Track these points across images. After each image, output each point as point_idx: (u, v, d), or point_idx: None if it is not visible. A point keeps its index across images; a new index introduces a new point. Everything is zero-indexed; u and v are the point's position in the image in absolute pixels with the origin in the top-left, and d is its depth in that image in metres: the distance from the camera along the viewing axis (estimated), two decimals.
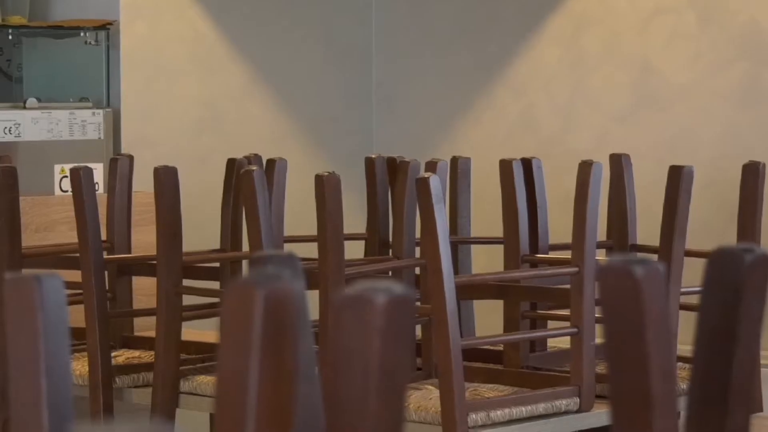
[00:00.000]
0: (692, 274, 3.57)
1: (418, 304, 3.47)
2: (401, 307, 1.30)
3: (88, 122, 4.68)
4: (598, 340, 3.47)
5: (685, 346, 2.25)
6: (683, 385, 2.45)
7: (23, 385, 1.49)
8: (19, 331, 1.49)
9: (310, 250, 3.63)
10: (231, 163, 4.10)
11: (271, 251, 3.13)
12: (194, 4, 4.99)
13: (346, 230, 3.57)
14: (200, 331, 4.06)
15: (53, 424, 1.46)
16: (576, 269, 3.46)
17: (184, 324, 3.88)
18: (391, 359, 1.32)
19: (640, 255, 2.87)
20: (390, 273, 3.76)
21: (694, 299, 3.60)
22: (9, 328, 1.53)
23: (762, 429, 1.70)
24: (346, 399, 1.33)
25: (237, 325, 1.32)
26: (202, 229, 4.14)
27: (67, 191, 3.78)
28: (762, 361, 1.96)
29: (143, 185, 3.94)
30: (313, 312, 2.57)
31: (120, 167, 4.14)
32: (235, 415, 1.31)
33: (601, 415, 3.62)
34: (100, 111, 4.71)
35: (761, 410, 3.31)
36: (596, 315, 3.51)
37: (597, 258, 3.53)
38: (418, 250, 3.80)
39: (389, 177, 3.96)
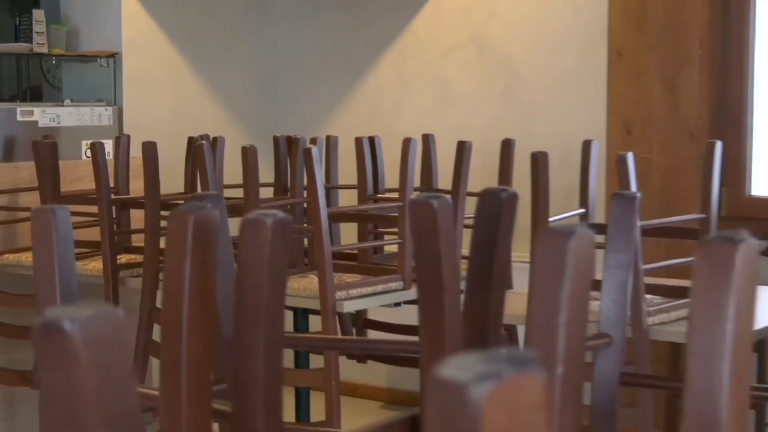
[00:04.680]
0: (471, 207, 3.58)
1: (306, 225, 3.46)
2: (282, 226, 1.26)
3: (103, 115, 4.61)
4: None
5: (465, 250, 2.22)
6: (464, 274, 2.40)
7: (44, 276, 1.43)
8: (41, 243, 1.43)
9: (241, 194, 3.59)
10: (191, 140, 4.03)
11: (207, 192, 3.09)
12: (169, 43, 4.92)
13: (262, 180, 3.52)
14: None
15: (62, 300, 1.42)
16: (401, 204, 3.42)
17: (163, 239, 3.83)
18: (277, 260, 1.28)
19: (439, 194, 2.82)
20: (288, 207, 3.70)
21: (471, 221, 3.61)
22: (34, 241, 1.48)
23: (509, 299, 1.68)
24: (248, 286, 1.29)
25: (176, 238, 1.26)
26: (173, 180, 4.05)
27: (89, 157, 3.70)
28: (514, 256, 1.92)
29: (137, 153, 3.84)
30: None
31: (122, 142, 4.06)
32: (176, 296, 1.25)
33: (416, 292, 3.63)
34: (110, 108, 4.63)
35: (511, 287, 3.27)
36: None
37: (413, 196, 3.54)
38: (306, 193, 3.80)
39: (288, 148, 3.90)
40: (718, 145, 3.11)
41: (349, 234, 4.19)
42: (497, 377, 0.55)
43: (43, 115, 4.44)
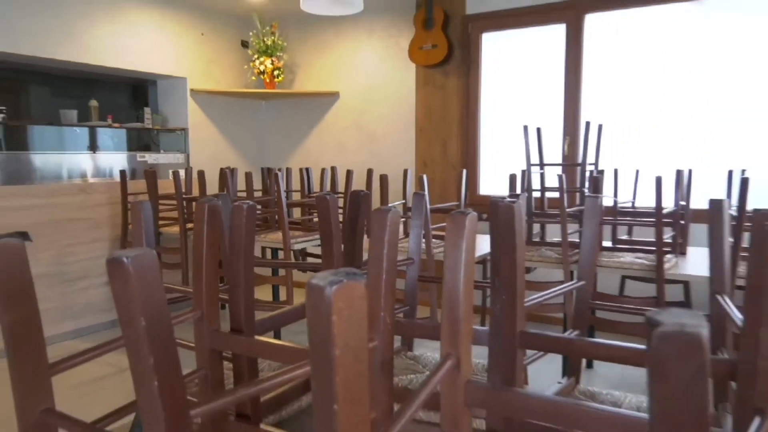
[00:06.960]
0: None
1: (276, 209, 3.31)
2: (252, 209, 1.15)
3: (180, 158, 4.36)
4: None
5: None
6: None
7: (137, 235, 1.28)
8: (136, 219, 1.28)
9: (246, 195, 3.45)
10: (221, 170, 3.81)
11: (220, 193, 2.91)
12: (211, 124, 4.67)
13: (255, 188, 3.37)
14: None
15: (147, 245, 1.27)
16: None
17: None
18: (249, 225, 1.17)
19: (332, 193, 2.74)
20: (268, 200, 3.56)
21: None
22: (132, 218, 1.32)
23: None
24: (235, 237, 1.17)
25: (199, 215, 1.13)
26: (213, 189, 3.87)
27: (173, 178, 3.47)
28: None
29: (196, 176, 3.64)
30: None
31: (189, 171, 3.83)
32: (199, 243, 1.13)
33: None
34: (183, 154, 4.38)
35: None
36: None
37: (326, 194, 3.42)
38: (276, 194, 3.64)
39: (268, 173, 3.74)
40: (464, 172, 3.10)
41: (297, 212, 4.08)
42: (340, 283, 0.49)
43: (150, 157, 4.22)
